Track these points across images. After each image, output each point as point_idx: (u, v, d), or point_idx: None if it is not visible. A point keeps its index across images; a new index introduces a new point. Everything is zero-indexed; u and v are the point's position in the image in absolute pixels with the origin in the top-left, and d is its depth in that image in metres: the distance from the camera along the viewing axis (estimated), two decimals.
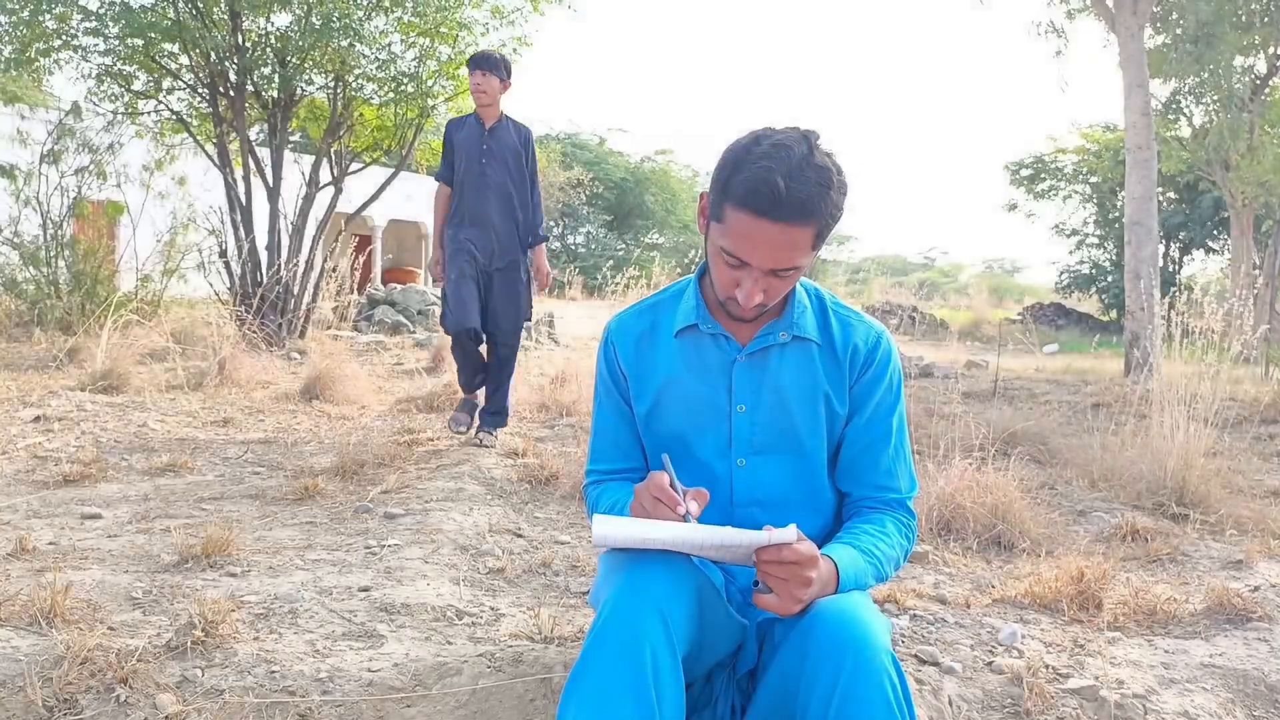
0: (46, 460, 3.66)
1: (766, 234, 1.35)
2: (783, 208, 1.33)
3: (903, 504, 1.59)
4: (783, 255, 1.38)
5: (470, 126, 4.31)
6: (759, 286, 1.42)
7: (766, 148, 1.36)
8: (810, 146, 1.37)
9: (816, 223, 1.37)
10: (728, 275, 1.43)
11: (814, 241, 1.39)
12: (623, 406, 1.66)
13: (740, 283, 1.42)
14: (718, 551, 1.33)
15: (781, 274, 1.41)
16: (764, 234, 1.35)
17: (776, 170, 1.33)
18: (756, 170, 1.34)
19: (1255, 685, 1.99)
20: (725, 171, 1.39)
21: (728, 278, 1.44)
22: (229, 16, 7.99)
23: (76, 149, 8.68)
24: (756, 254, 1.38)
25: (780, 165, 1.33)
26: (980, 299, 26.42)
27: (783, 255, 1.38)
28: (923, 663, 1.97)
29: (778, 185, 1.32)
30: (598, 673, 1.22)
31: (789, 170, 1.33)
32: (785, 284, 1.44)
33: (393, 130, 9.06)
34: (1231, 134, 12.71)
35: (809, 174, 1.34)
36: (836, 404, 1.57)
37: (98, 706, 1.61)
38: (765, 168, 1.33)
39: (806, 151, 1.36)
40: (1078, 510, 3.58)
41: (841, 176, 1.40)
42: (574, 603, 2.32)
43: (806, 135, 1.39)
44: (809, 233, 1.37)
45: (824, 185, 1.35)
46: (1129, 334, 9.10)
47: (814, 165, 1.35)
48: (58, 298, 7.89)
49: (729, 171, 1.38)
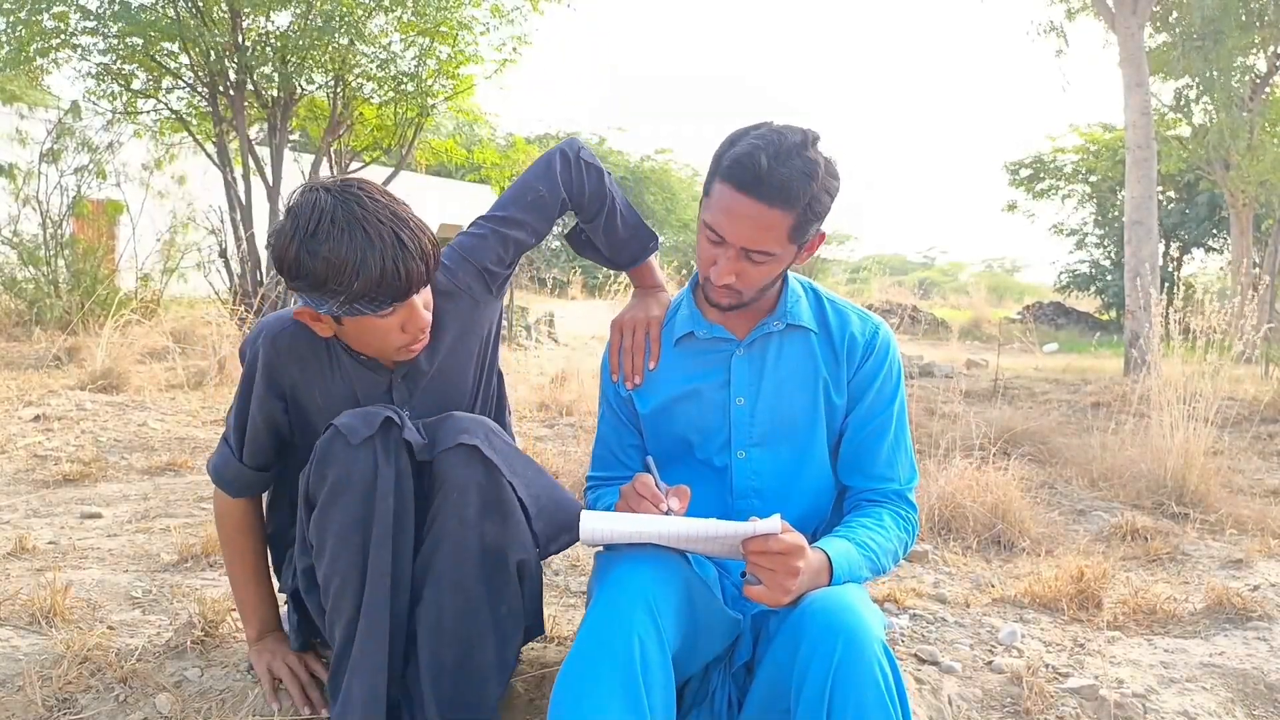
0: (46, 459, 3.66)
1: (744, 209, 1.39)
2: (762, 186, 1.37)
3: (902, 495, 1.60)
4: (757, 236, 1.40)
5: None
6: (731, 266, 1.44)
7: (764, 131, 1.40)
8: (806, 140, 1.40)
9: (794, 211, 1.38)
10: (707, 252, 1.46)
11: (790, 232, 1.41)
12: (624, 418, 1.68)
13: (716, 260, 1.45)
14: (705, 544, 1.34)
15: (755, 258, 1.43)
16: (741, 209, 1.39)
17: (764, 150, 1.37)
18: (746, 147, 1.39)
19: (1255, 685, 1.99)
20: (721, 149, 1.44)
21: (707, 254, 1.47)
22: (229, 15, 7.99)
23: (76, 148, 8.67)
24: (732, 229, 1.41)
25: (770, 147, 1.38)
26: (980, 298, 26.38)
27: (757, 236, 1.40)
28: (922, 662, 1.97)
29: (761, 162, 1.36)
30: (587, 668, 1.23)
31: (777, 152, 1.37)
32: (758, 272, 1.45)
33: (393, 129, 9.07)
34: (1231, 133, 12.70)
35: (795, 161, 1.37)
36: (835, 394, 1.58)
37: (97, 706, 1.61)
38: (755, 145, 1.38)
39: (799, 142, 1.39)
40: (1078, 510, 3.58)
41: (830, 176, 1.41)
42: (574, 602, 2.32)
43: (806, 131, 1.42)
44: (786, 219, 1.39)
45: (808, 175, 1.37)
46: (1129, 333, 9.10)
47: (803, 155, 1.38)
48: (57, 297, 7.88)
49: (724, 148, 1.43)
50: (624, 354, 1.64)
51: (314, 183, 1.42)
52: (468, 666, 1.44)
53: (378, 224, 1.34)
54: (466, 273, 1.61)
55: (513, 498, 1.44)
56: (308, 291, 1.38)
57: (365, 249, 1.32)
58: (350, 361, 1.55)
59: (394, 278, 1.34)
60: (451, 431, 1.44)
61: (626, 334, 1.65)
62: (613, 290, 10.28)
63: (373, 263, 1.32)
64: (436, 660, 1.43)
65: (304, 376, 1.55)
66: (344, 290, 1.34)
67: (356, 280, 1.33)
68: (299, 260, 1.34)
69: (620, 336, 1.66)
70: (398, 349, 1.47)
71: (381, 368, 1.56)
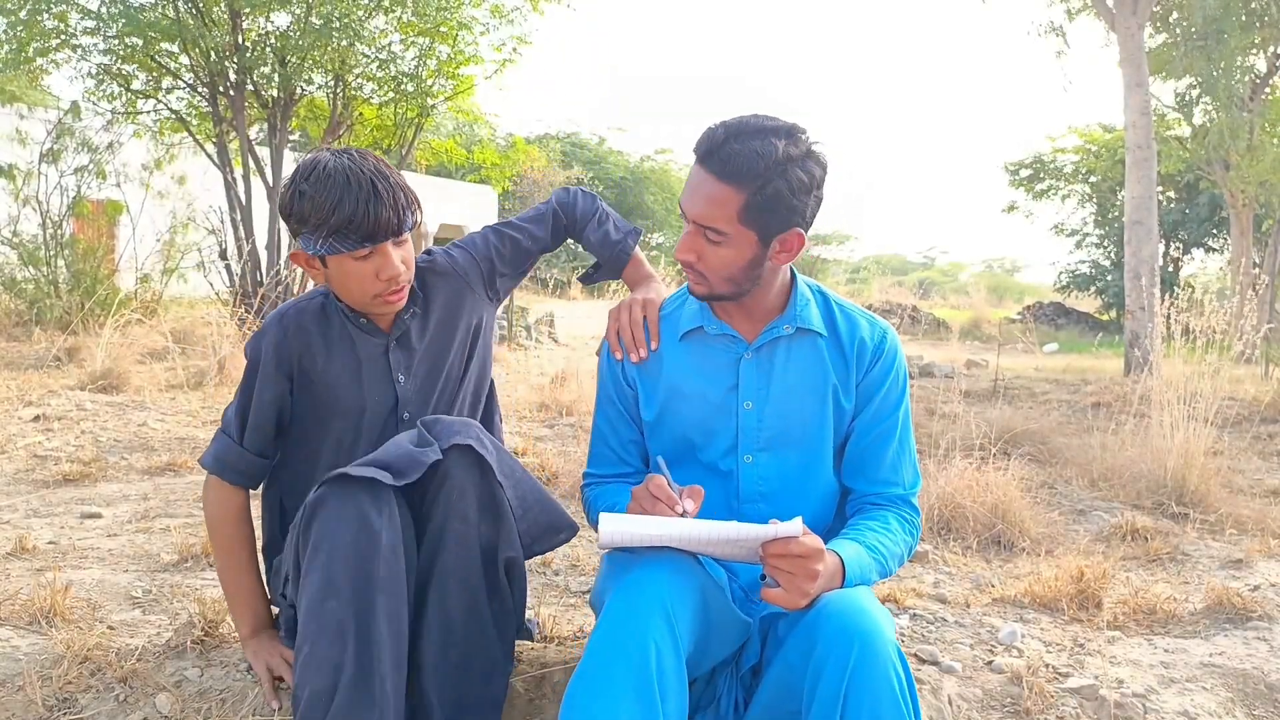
0: (46, 459, 3.66)
1: (696, 180, 1.43)
2: (712, 158, 1.39)
3: (906, 500, 1.60)
4: (708, 211, 1.42)
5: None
6: (689, 243, 1.47)
7: (745, 115, 1.42)
8: (780, 130, 1.40)
9: (744, 190, 1.39)
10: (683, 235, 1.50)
11: (741, 213, 1.41)
12: (623, 413, 1.66)
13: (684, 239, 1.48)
14: (724, 547, 1.33)
15: (709, 235, 1.44)
16: (695, 178, 1.43)
17: (728, 126, 1.40)
18: (716, 122, 1.42)
19: (1255, 685, 1.99)
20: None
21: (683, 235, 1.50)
22: (229, 15, 7.99)
23: (76, 148, 8.67)
24: (688, 201, 1.44)
25: (734, 125, 1.40)
26: (980, 298, 26.40)
27: (708, 211, 1.42)
28: (923, 662, 1.97)
29: (717, 134, 1.40)
30: (601, 672, 1.22)
31: (738, 131, 1.39)
32: (716, 256, 1.46)
33: (393, 130, 9.07)
34: (1231, 133, 12.71)
35: (753, 141, 1.38)
36: (843, 398, 1.58)
37: (97, 706, 1.61)
38: (723, 123, 1.41)
39: (771, 128, 1.39)
40: (1078, 510, 3.58)
41: (800, 170, 1.40)
42: (574, 602, 2.32)
43: (793, 125, 1.42)
44: (735, 197, 1.40)
45: (761, 156, 1.37)
46: (1129, 333, 9.10)
47: (766, 140, 1.38)
48: (57, 297, 7.89)
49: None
50: (622, 332, 1.64)
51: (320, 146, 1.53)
52: (472, 665, 1.46)
53: (359, 174, 1.51)
54: (465, 261, 1.76)
55: (504, 498, 1.49)
56: (299, 231, 1.54)
57: (344, 190, 1.49)
58: (351, 327, 1.66)
59: (364, 218, 1.49)
60: (446, 433, 1.49)
61: (623, 314, 1.66)
62: (613, 290, 10.28)
63: (347, 203, 1.49)
64: (444, 660, 1.45)
65: (309, 347, 1.65)
66: (324, 225, 1.50)
67: (333, 216, 1.49)
68: (292, 200, 1.53)
69: (617, 318, 1.66)
70: (374, 296, 1.58)
71: (378, 330, 1.67)
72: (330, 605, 1.36)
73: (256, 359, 1.65)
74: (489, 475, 1.47)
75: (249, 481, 1.69)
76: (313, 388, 1.66)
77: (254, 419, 1.65)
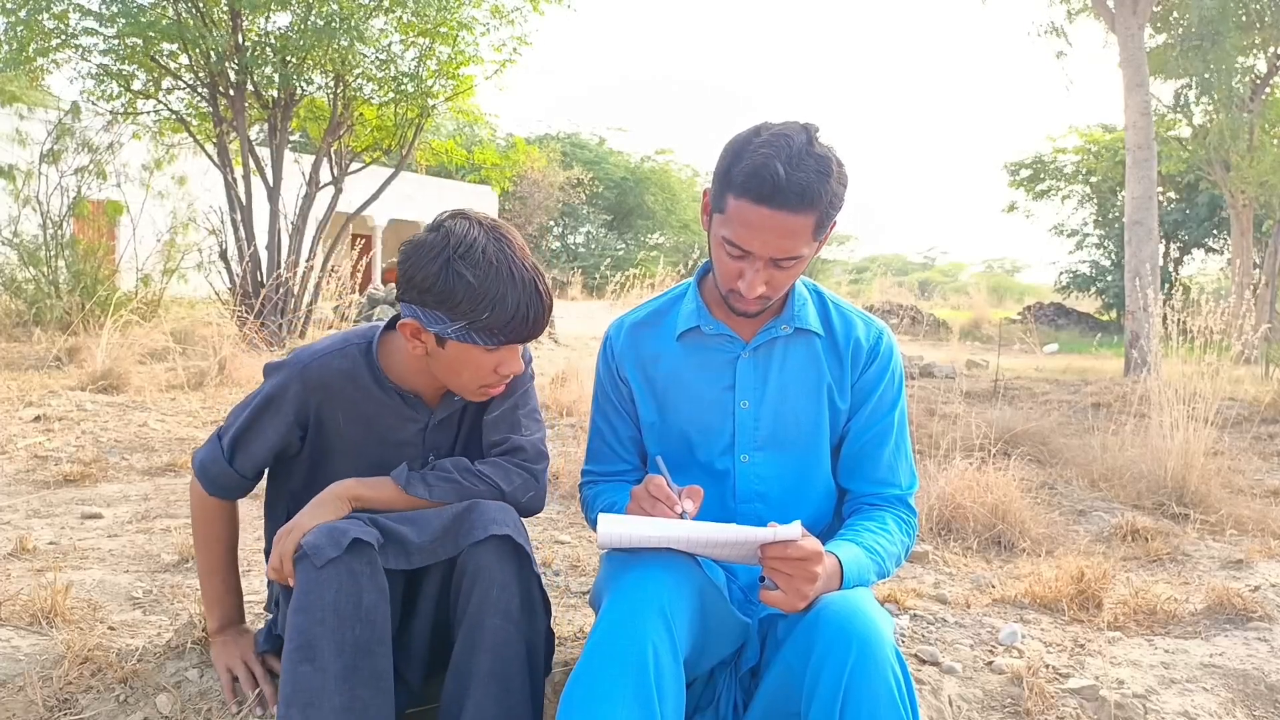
0: (46, 460, 3.66)
1: (768, 222, 1.36)
2: (783, 195, 1.34)
3: (903, 500, 1.60)
4: (784, 243, 1.39)
5: None
6: (760, 277, 1.42)
7: (767, 137, 1.37)
8: (810, 137, 1.38)
9: (816, 211, 1.37)
10: (730, 267, 1.44)
11: (814, 230, 1.40)
12: (620, 410, 1.67)
13: (743, 273, 1.43)
14: (723, 549, 1.33)
15: (783, 264, 1.42)
16: (765, 222, 1.36)
17: (776, 158, 1.34)
18: (757, 158, 1.35)
19: (1255, 685, 1.99)
20: (726, 161, 1.40)
21: (730, 269, 1.44)
22: (229, 16, 8.00)
23: (76, 148, 8.68)
24: (757, 242, 1.39)
25: (780, 153, 1.35)
26: (980, 299, 26.38)
27: (784, 243, 1.39)
28: (923, 662, 1.97)
29: (778, 172, 1.33)
30: (599, 672, 1.22)
31: (789, 158, 1.34)
32: (787, 276, 1.44)
33: (393, 130, 9.07)
34: (1231, 134, 12.72)
35: (809, 162, 1.35)
36: (838, 398, 1.58)
37: (98, 706, 1.61)
38: (766, 155, 1.35)
39: (806, 141, 1.37)
40: (1078, 510, 3.58)
41: (841, 167, 1.40)
42: (574, 602, 2.32)
43: (806, 127, 1.40)
44: (809, 221, 1.37)
45: (823, 173, 1.36)
46: (1129, 333, 9.11)
47: (813, 154, 1.36)
48: (57, 297, 7.89)
49: (730, 161, 1.39)
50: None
51: (463, 212, 1.44)
52: None
53: (523, 269, 1.40)
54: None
55: (541, 594, 1.47)
56: (430, 307, 1.40)
57: (509, 285, 1.38)
58: (392, 398, 1.56)
59: (523, 321, 1.40)
60: (482, 520, 1.44)
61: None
62: (613, 290, 10.28)
63: (511, 300, 1.38)
64: None
65: (330, 404, 1.56)
66: (472, 317, 1.38)
67: (490, 311, 1.38)
68: (440, 275, 1.37)
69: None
70: (479, 387, 1.49)
71: (422, 407, 1.57)
72: (304, 670, 1.33)
73: (273, 395, 1.55)
74: (528, 567, 1.44)
75: (227, 494, 1.63)
76: (327, 438, 1.58)
77: (250, 448, 1.57)
